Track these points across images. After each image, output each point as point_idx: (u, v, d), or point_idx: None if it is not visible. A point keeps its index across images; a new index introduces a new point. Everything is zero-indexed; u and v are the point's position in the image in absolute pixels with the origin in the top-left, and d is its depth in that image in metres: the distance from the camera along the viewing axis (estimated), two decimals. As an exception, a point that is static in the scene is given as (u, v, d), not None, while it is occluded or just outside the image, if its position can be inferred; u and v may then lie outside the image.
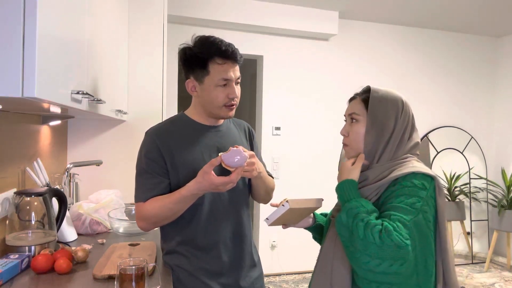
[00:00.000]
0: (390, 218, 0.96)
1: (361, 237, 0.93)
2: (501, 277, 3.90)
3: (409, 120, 1.13)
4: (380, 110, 1.10)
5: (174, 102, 3.47)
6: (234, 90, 1.25)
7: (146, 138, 1.30)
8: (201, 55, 1.23)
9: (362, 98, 1.14)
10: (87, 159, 2.19)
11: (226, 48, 1.23)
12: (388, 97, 1.12)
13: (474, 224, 4.44)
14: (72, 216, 1.75)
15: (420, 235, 0.97)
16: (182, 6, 3.31)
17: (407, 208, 0.97)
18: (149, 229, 1.29)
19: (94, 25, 1.38)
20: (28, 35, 0.77)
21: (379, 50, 4.16)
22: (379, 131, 1.09)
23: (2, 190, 1.40)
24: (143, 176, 1.26)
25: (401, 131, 1.10)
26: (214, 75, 1.22)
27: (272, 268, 3.77)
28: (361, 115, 1.12)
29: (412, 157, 1.12)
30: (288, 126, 3.84)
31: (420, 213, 0.98)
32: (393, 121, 1.10)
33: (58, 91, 0.96)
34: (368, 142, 1.10)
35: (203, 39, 1.27)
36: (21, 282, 1.20)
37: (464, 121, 4.49)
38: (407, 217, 0.96)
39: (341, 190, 1.06)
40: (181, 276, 1.29)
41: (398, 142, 1.10)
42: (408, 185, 1.01)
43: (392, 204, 1.00)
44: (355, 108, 1.14)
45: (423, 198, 1.00)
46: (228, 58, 1.23)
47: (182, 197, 1.18)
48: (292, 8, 3.63)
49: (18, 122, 1.57)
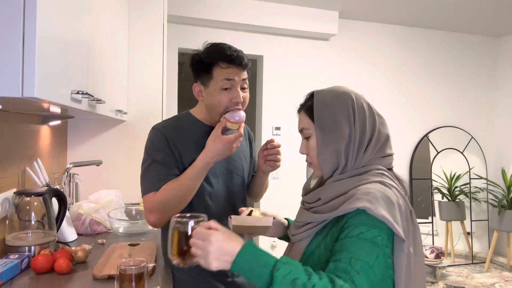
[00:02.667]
0: (351, 262, 0.77)
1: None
2: (501, 277, 3.90)
3: (365, 117, 0.94)
4: (327, 115, 0.94)
5: (174, 102, 3.47)
6: (238, 94, 1.23)
7: (155, 132, 1.28)
8: (206, 60, 1.23)
9: (305, 109, 1.00)
10: (87, 159, 2.18)
11: (231, 53, 1.22)
12: (333, 97, 0.96)
13: (474, 224, 4.44)
14: (72, 216, 1.75)
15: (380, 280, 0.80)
16: (182, 6, 3.31)
17: (369, 244, 0.80)
18: (162, 221, 1.21)
19: (94, 25, 1.38)
20: (28, 35, 0.77)
21: (379, 50, 4.16)
22: (334, 139, 0.92)
23: (2, 190, 1.40)
24: (155, 167, 1.22)
25: (359, 132, 0.93)
26: (217, 78, 1.22)
27: (272, 268, 3.76)
28: (310, 128, 0.97)
29: (373, 169, 0.92)
30: (288, 126, 3.84)
31: (381, 251, 0.80)
32: (346, 122, 0.93)
33: (58, 91, 0.96)
34: (321, 155, 0.94)
35: (211, 45, 1.27)
36: (21, 282, 1.20)
37: (464, 121, 4.49)
38: (370, 260, 0.78)
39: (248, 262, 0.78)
40: (184, 276, 1.29)
41: (357, 147, 0.93)
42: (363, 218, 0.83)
43: (350, 237, 0.81)
44: (302, 122, 1.00)
45: (382, 229, 0.82)
46: (232, 63, 1.22)
47: (197, 170, 1.19)
48: (292, 8, 3.63)
49: (18, 122, 1.57)
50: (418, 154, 4.30)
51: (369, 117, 0.95)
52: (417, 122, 4.31)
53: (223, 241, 0.80)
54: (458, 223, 4.24)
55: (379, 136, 0.96)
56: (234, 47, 1.25)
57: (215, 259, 0.79)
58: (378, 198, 0.84)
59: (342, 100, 0.95)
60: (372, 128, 0.95)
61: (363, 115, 0.94)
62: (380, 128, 0.97)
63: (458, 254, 4.36)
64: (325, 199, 0.92)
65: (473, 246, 4.38)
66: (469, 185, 4.38)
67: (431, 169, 4.31)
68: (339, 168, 0.93)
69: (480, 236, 4.50)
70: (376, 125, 0.96)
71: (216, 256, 0.79)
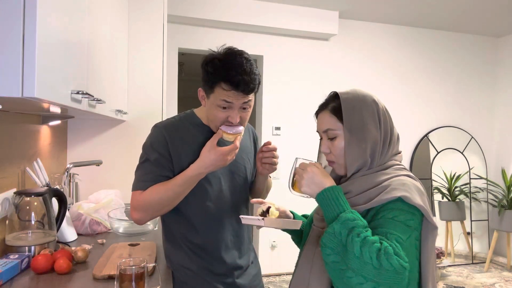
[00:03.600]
0: (387, 236, 0.87)
1: (357, 254, 0.82)
2: (501, 277, 3.90)
3: (387, 119, 1.03)
4: (356, 117, 0.99)
5: (174, 102, 3.47)
6: (235, 115, 1.17)
7: (156, 131, 1.27)
8: (209, 76, 1.17)
9: (331, 110, 1.03)
10: (87, 159, 2.18)
11: (237, 77, 1.13)
12: (360, 100, 1.01)
13: (474, 224, 4.44)
14: (72, 216, 1.75)
15: (409, 258, 0.88)
16: (182, 6, 3.31)
17: (402, 225, 0.89)
18: (144, 220, 1.22)
19: (94, 25, 1.38)
20: (28, 35, 0.77)
21: (379, 50, 4.16)
22: (361, 140, 0.99)
23: (2, 190, 1.40)
24: (146, 166, 1.23)
25: (383, 133, 1.01)
26: (217, 95, 1.17)
27: (272, 268, 3.77)
28: (337, 129, 1.01)
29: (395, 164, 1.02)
30: (288, 126, 3.84)
31: (413, 233, 0.90)
32: (373, 125, 1.00)
33: (58, 91, 0.96)
34: (350, 155, 0.99)
35: (224, 58, 1.16)
36: (21, 282, 1.20)
37: (464, 121, 4.49)
38: (403, 236, 0.87)
39: (328, 198, 0.92)
40: (185, 277, 1.29)
41: (382, 147, 1.01)
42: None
43: (385, 218, 0.91)
44: (327, 123, 1.03)
45: (415, 215, 0.92)
46: (234, 88, 1.14)
47: (187, 178, 1.17)
48: (292, 8, 3.63)
49: (18, 122, 1.57)
50: (418, 154, 4.30)
51: (388, 118, 1.04)
52: (417, 122, 4.32)
53: (316, 174, 0.96)
54: (458, 223, 4.24)
55: (395, 135, 1.05)
56: (246, 66, 1.15)
57: (306, 185, 0.97)
58: (412, 188, 0.94)
59: (368, 104, 1.01)
60: (391, 128, 1.04)
61: (385, 117, 1.03)
62: (393, 128, 1.05)
63: (458, 254, 4.36)
64: (356, 192, 0.98)
65: (473, 246, 4.38)
66: (469, 185, 4.38)
67: (431, 169, 4.31)
68: (364, 167, 1.01)
69: (480, 236, 4.50)
70: (393, 124, 1.05)
71: (307, 183, 0.96)
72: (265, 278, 3.67)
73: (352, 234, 0.85)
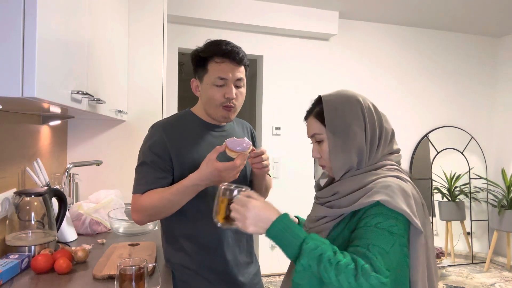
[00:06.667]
0: (369, 248, 0.83)
1: (334, 284, 0.79)
2: (501, 277, 3.90)
3: (374, 118, 0.99)
4: (338, 119, 0.97)
5: (174, 102, 3.47)
6: (231, 90, 1.22)
7: (153, 131, 1.28)
8: (202, 54, 1.24)
9: (315, 114, 1.02)
10: (87, 159, 2.19)
11: (226, 47, 1.22)
12: (342, 101, 0.99)
13: (474, 224, 4.44)
14: (72, 216, 1.75)
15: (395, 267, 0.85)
16: (182, 6, 3.31)
17: (385, 233, 0.85)
18: (143, 222, 1.25)
19: (94, 25, 1.38)
20: (28, 35, 0.77)
21: (379, 50, 4.16)
22: (346, 142, 0.96)
23: (2, 190, 1.40)
24: (144, 169, 1.24)
25: (370, 133, 0.97)
26: (211, 73, 1.22)
27: (272, 268, 3.76)
28: (322, 133, 1.00)
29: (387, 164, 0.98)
30: (288, 126, 3.84)
31: (397, 240, 0.86)
32: (357, 124, 0.96)
33: (58, 91, 0.96)
34: (335, 160, 0.96)
35: (210, 41, 1.28)
36: (21, 282, 1.20)
37: (464, 121, 4.49)
38: (386, 247, 0.83)
39: (281, 231, 0.86)
40: (185, 276, 1.29)
41: (370, 147, 0.97)
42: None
43: (368, 226, 0.87)
44: (313, 128, 1.03)
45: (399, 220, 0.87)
46: (226, 57, 1.21)
47: (183, 188, 1.16)
48: (292, 8, 3.63)
49: (18, 122, 1.57)
50: (418, 154, 4.30)
51: (376, 116, 1.00)
52: (417, 122, 4.32)
53: (260, 209, 0.89)
54: (458, 223, 4.24)
55: (386, 132, 1.01)
56: (233, 43, 1.25)
57: (252, 224, 0.89)
58: (396, 191, 0.89)
59: (351, 104, 0.98)
60: (380, 126, 1.00)
61: (371, 116, 0.99)
62: (385, 125, 1.01)
63: (458, 254, 4.36)
64: (342, 193, 0.95)
65: (473, 246, 4.38)
66: (469, 185, 4.38)
67: (431, 169, 4.31)
68: (352, 169, 0.97)
69: (480, 236, 4.50)
70: (382, 123, 1.01)
71: (253, 222, 0.89)
72: (265, 278, 3.67)
73: (323, 262, 0.81)
